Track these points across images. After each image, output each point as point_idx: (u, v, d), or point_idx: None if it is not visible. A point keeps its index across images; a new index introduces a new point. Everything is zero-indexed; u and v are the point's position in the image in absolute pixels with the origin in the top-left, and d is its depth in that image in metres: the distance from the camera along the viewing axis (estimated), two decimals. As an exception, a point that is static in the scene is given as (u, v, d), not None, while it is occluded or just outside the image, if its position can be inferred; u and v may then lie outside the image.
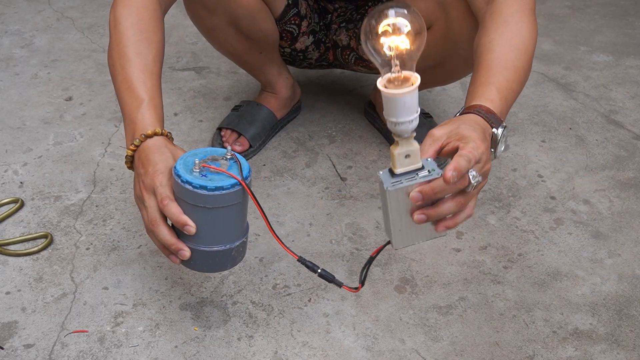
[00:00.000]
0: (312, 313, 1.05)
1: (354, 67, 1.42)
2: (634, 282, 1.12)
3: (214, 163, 0.84)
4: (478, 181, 0.76)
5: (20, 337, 0.99)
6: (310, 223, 1.23)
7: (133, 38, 0.95)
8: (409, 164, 0.76)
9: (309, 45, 1.35)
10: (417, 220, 0.77)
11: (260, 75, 1.43)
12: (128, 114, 0.92)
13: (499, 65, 0.91)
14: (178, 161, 0.83)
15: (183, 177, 0.81)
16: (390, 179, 0.76)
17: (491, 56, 0.92)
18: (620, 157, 1.43)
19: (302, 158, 1.40)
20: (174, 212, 0.82)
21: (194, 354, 0.98)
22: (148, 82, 0.93)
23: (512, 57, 0.92)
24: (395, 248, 0.82)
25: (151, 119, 0.90)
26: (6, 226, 1.20)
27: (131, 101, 0.91)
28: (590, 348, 1.00)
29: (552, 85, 1.70)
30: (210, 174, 0.83)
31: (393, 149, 0.76)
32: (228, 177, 0.82)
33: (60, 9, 2.01)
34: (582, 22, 2.05)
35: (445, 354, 0.99)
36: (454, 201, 0.78)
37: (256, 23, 1.24)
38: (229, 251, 0.88)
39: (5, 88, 1.61)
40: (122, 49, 0.94)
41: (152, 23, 0.98)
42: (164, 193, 0.83)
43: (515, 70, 0.91)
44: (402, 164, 0.76)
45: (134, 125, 0.90)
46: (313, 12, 1.33)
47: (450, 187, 0.75)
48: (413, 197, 0.75)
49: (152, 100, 0.92)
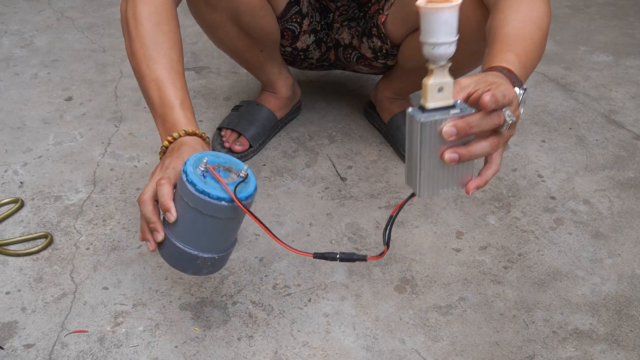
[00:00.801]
0: (312, 313, 1.05)
1: (355, 67, 1.42)
2: (634, 282, 1.12)
3: (224, 172, 0.83)
4: (512, 120, 0.73)
5: (20, 337, 0.99)
6: (310, 223, 1.23)
7: (157, 39, 0.96)
8: (441, 99, 0.70)
9: (310, 45, 1.35)
10: (449, 160, 0.72)
11: (261, 75, 1.43)
12: (161, 114, 0.94)
13: (516, 37, 0.87)
14: (199, 152, 0.84)
15: (185, 167, 0.81)
16: (422, 113, 0.70)
17: (507, 29, 0.88)
18: (620, 157, 1.43)
19: (302, 158, 1.40)
20: (163, 193, 0.82)
21: (194, 354, 0.98)
22: (177, 82, 0.95)
23: (528, 30, 0.88)
24: (420, 196, 0.76)
25: (187, 119, 0.93)
26: (6, 226, 1.20)
27: (163, 103, 0.93)
28: (590, 348, 1.00)
29: (552, 85, 1.70)
30: (211, 178, 0.82)
31: (426, 80, 0.70)
32: (221, 189, 0.81)
33: (60, 9, 2.01)
34: (582, 22, 2.05)
35: (445, 354, 0.99)
36: (487, 141, 0.73)
37: (257, 20, 1.24)
38: (195, 258, 0.85)
39: (5, 88, 1.61)
40: (147, 51, 0.95)
41: (172, 21, 0.99)
42: (168, 174, 0.84)
43: (532, 42, 0.88)
44: (434, 98, 0.70)
45: (169, 124, 0.92)
46: (314, 11, 1.33)
47: (486, 121, 0.71)
48: (446, 132, 0.70)
49: (184, 102, 0.94)
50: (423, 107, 0.71)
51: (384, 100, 1.45)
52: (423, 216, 1.24)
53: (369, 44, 1.31)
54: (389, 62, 1.35)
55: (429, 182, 0.74)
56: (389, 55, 1.32)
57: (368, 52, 1.33)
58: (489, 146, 0.74)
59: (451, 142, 0.71)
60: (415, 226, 1.22)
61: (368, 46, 1.32)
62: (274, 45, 1.34)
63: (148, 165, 1.36)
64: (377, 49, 1.31)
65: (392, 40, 1.27)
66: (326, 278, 1.11)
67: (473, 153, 0.73)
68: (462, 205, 1.28)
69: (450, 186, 0.76)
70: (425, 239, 1.20)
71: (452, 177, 0.75)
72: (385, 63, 1.35)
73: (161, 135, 0.94)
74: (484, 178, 0.77)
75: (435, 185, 0.75)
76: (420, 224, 1.23)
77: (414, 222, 1.23)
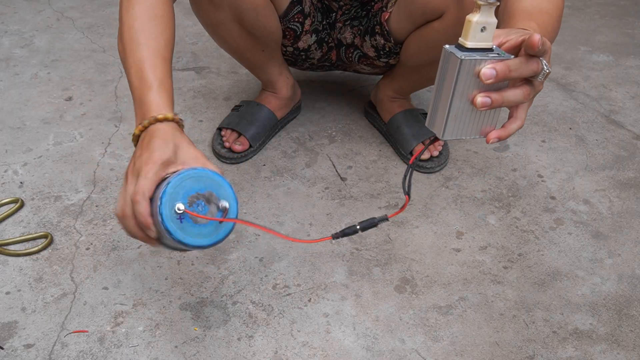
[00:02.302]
0: (312, 313, 1.05)
1: (356, 67, 1.41)
2: (634, 282, 1.12)
3: (203, 206, 0.77)
4: (549, 70, 0.72)
5: (20, 337, 0.99)
6: (310, 223, 1.23)
7: (147, 23, 0.94)
8: (481, 40, 0.69)
9: (311, 44, 1.35)
10: (481, 104, 0.71)
11: (262, 74, 1.43)
12: (138, 96, 0.90)
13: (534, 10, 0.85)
14: (173, 180, 0.77)
15: (161, 209, 0.76)
16: (461, 51, 0.69)
17: (524, 4, 0.87)
18: (620, 157, 1.43)
19: (302, 158, 1.40)
20: (141, 211, 0.78)
21: (194, 354, 0.98)
22: (160, 66, 0.91)
23: (545, 7, 0.87)
24: (443, 138, 0.74)
25: (162, 101, 0.88)
26: (6, 226, 1.20)
27: (142, 84, 0.89)
28: (590, 348, 1.00)
29: (552, 85, 1.70)
30: (188, 221, 0.76)
31: (471, 17, 0.68)
32: (201, 235, 0.77)
33: (60, 9, 2.01)
34: (582, 22, 2.05)
35: (445, 354, 0.99)
36: (520, 89, 0.72)
37: (260, 19, 1.24)
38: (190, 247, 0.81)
39: (5, 88, 1.61)
40: (134, 34, 0.92)
41: (165, 8, 0.97)
42: (143, 187, 0.78)
43: (549, 17, 0.87)
44: (476, 36, 0.68)
45: (144, 107, 0.88)
46: (316, 11, 1.33)
47: (526, 66, 0.70)
48: (485, 74, 0.69)
49: (163, 84, 0.90)
50: (462, 46, 0.69)
51: (385, 99, 1.45)
52: (423, 216, 1.24)
53: (372, 42, 1.31)
54: (391, 61, 1.35)
55: (454, 125, 0.73)
56: (392, 53, 1.32)
57: (370, 50, 1.33)
58: (522, 94, 0.72)
59: (486, 85, 0.70)
60: (415, 226, 1.22)
61: (371, 44, 1.32)
62: (275, 45, 1.34)
63: (148, 165, 1.36)
64: (380, 47, 1.31)
65: (395, 38, 1.27)
66: (326, 278, 1.11)
67: (506, 99, 0.72)
68: (462, 205, 1.28)
69: (473, 133, 0.75)
70: (425, 239, 1.20)
71: (477, 124, 0.74)
72: (387, 62, 1.35)
73: (135, 119, 0.89)
74: (508, 131, 0.75)
75: (459, 129, 0.74)
76: (420, 224, 1.23)
77: (414, 222, 1.23)
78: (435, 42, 1.21)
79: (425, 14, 1.18)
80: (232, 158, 1.37)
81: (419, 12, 1.19)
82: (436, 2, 1.15)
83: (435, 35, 1.19)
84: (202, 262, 1.13)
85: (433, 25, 1.19)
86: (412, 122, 1.40)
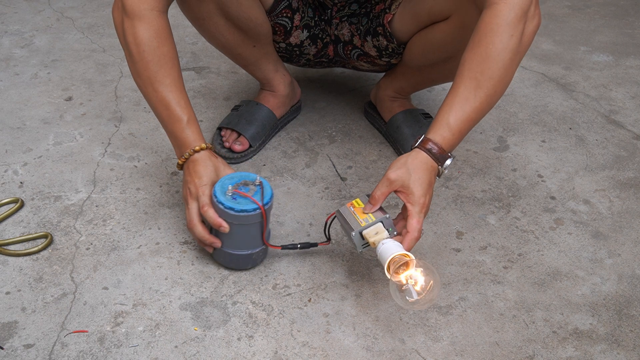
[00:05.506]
0: (312, 313, 1.05)
1: (355, 63, 1.41)
2: (634, 282, 1.12)
3: (244, 188, 1.06)
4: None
5: (20, 337, 0.99)
6: (310, 223, 1.23)
7: (160, 61, 1.09)
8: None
9: (304, 40, 1.35)
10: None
11: (257, 71, 1.42)
12: (172, 132, 1.11)
13: (464, 92, 0.99)
14: (217, 184, 1.06)
15: (218, 198, 1.04)
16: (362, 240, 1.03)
17: (458, 81, 1.00)
18: (620, 157, 1.43)
19: (302, 158, 1.40)
20: (211, 216, 1.05)
21: (194, 354, 0.98)
22: (182, 101, 1.11)
23: (487, 71, 0.99)
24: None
25: (194, 135, 1.10)
26: (6, 226, 1.20)
27: (173, 122, 1.10)
28: (590, 348, 1.00)
29: (552, 85, 1.70)
30: (240, 197, 1.04)
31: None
32: (252, 202, 1.03)
33: (60, 9, 2.01)
34: (582, 22, 2.05)
35: (445, 354, 0.99)
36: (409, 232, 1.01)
37: (244, 9, 1.23)
38: (250, 256, 1.09)
39: (5, 88, 1.61)
40: (152, 74, 1.10)
41: (169, 41, 1.11)
42: (205, 201, 1.05)
43: (485, 91, 0.99)
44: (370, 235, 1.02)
45: (180, 142, 1.11)
46: (306, 6, 1.32)
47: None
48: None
49: (190, 118, 1.11)
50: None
51: (385, 98, 1.45)
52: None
53: (374, 42, 1.31)
54: (392, 61, 1.35)
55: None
56: (394, 53, 1.32)
57: (372, 50, 1.33)
58: (415, 231, 1.01)
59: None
60: (415, 226, 1.22)
61: (372, 45, 1.32)
62: (266, 40, 1.33)
63: (148, 165, 1.36)
64: (382, 48, 1.31)
65: (398, 39, 1.27)
66: (326, 278, 1.11)
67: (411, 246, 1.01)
68: (462, 205, 1.28)
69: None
70: (425, 239, 1.20)
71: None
72: (389, 61, 1.35)
73: (175, 149, 1.13)
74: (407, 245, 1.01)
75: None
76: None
77: (414, 222, 1.23)
78: (440, 43, 1.21)
79: (432, 16, 1.18)
80: (232, 158, 1.37)
81: (425, 14, 1.19)
82: (443, 5, 1.15)
83: (440, 36, 1.19)
84: (202, 262, 1.13)
85: (439, 26, 1.19)
86: (412, 122, 1.40)
